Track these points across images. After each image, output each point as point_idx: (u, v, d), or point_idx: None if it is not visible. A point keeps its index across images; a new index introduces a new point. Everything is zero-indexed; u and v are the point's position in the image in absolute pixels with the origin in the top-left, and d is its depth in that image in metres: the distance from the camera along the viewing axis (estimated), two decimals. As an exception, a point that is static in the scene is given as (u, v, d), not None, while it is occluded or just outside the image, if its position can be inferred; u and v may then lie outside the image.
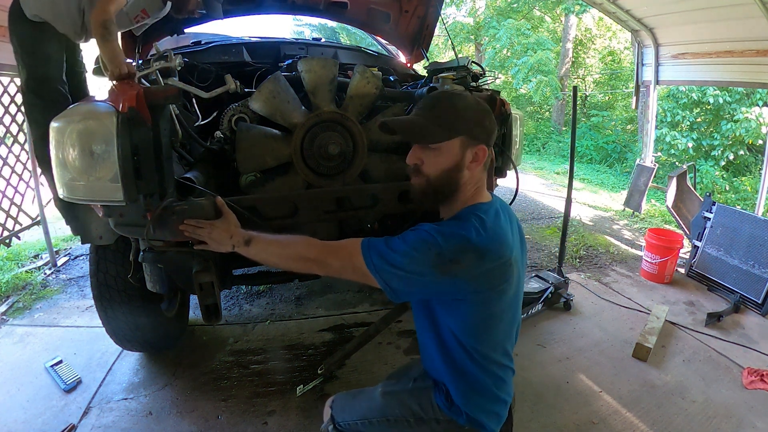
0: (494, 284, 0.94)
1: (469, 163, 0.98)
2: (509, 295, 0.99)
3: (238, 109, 1.75)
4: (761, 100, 6.96)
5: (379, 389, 1.17)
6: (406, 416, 1.09)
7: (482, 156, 0.98)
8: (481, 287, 0.93)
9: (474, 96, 1.02)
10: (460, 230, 0.92)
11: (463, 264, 0.89)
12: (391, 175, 1.82)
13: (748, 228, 3.03)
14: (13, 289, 3.01)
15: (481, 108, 0.99)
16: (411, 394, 1.11)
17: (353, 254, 0.95)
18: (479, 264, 0.90)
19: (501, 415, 1.09)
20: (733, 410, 1.99)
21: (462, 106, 0.98)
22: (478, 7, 13.17)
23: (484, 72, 2.24)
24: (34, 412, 1.89)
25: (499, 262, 0.93)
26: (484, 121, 0.98)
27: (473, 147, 0.97)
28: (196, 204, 1.42)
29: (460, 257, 0.89)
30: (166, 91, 1.45)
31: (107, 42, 1.58)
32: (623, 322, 2.74)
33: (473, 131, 0.97)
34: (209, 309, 1.57)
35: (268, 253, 1.06)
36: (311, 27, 9.29)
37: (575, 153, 3.57)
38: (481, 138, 0.97)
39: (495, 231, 0.94)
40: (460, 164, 0.97)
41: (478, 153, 0.98)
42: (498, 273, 0.94)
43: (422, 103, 1.02)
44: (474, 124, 0.97)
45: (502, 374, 1.05)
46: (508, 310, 1.01)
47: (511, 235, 1.00)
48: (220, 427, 1.85)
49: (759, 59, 3.61)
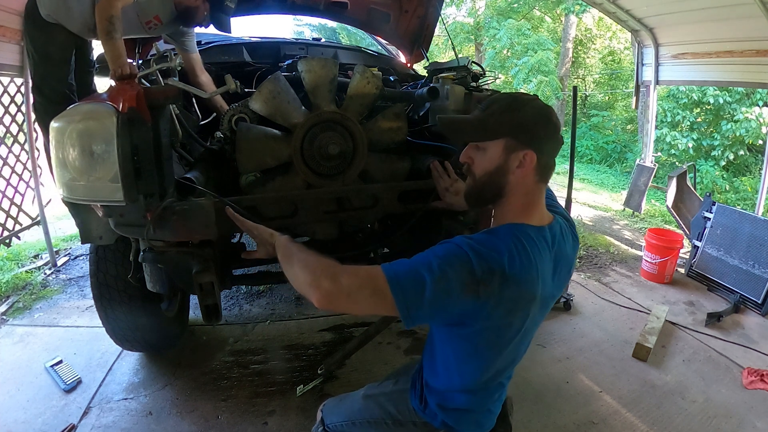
0: (508, 314, 0.88)
1: (514, 168, 0.90)
2: (515, 328, 0.91)
3: (238, 109, 1.75)
4: (761, 100, 6.96)
5: (362, 392, 1.19)
6: (385, 418, 1.11)
7: (529, 162, 0.89)
8: (503, 313, 0.86)
9: (540, 102, 0.93)
10: (493, 251, 0.84)
11: (490, 287, 0.82)
12: (391, 175, 1.82)
13: (748, 228, 3.03)
14: (13, 289, 3.01)
15: (537, 114, 0.91)
16: (389, 397, 1.12)
17: (373, 273, 0.84)
18: (504, 290, 0.83)
19: (482, 423, 1.06)
20: (733, 410, 1.99)
21: (515, 107, 0.91)
22: (478, 7, 13.18)
23: (484, 72, 2.24)
24: (34, 412, 1.89)
25: (522, 294, 0.86)
26: (536, 126, 0.91)
27: (519, 151, 0.89)
28: (197, 204, 1.42)
29: (488, 279, 0.82)
30: (166, 91, 1.45)
31: (111, 41, 1.57)
32: (623, 322, 2.74)
33: (520, 135, 0.90)
34: (209, 309, 1.57)
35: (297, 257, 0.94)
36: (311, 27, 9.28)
37: (575, 153, 3.57)
38: (528, 143, 0.89)
39: (530, 261, 0.86)
40: (503, 168, 0.91)
41: (525, 158, 0.89)
42: (516, 306, 0.87)
43: (483, 103, 0.97)
44: (522, 127, 0.90)
45: (491, 389, 1.02)
46: (510, 343, 0.93)
47: (550, 272, 0.92)
48: (220, 427, 1.85)
49: (759, 59, 3.61)
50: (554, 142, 0.93)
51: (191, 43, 2.14)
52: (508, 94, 0.99)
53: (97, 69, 1.81)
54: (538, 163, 0.90)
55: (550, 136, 0.92)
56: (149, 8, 1.93)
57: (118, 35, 1.59)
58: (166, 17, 1.98)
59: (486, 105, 0.95)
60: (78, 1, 1.84)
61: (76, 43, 2.00)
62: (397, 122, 1.81)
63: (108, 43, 1.58)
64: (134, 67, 1.59)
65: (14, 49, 2.93)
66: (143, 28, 1.98)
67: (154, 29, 2.00)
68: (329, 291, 0.82)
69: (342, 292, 0.83)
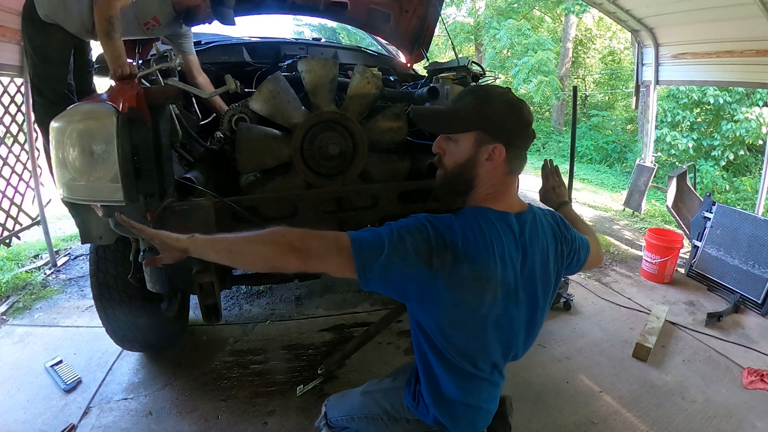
0: (469, 293, 0.89)
1: (484, 161, 0.92)
2: (482, 314, 0.91)
3: (238, 109, 1.75)
4: (761, 100, 6.96)
5: (362, 388, 1.22)
6: (380, 414, 1.13)
7: (498, 155, 0.91)
8: (456, 290, 0.88)
9: (512, 95, 0.94)
10: (449, 228, 0.88)
11: (442, 258, 0.86)
12: (391, 175, 1.82)
13: (748, 228, 3.03)
14: (13, 289, 3.01)
15: (508, 107, 0.92)
16: (385, 394, 1.14)
17: (339, 236, 0.87)
18: (455, 264, 0.86)
19: (475, 422, 1.05)
20: (733, 410, 1.99)
21: (486, 101, 0.92)
22: (478, 7, 13.18)
23: (484, 72, 2.25)
24: (34, 412, 1.89)
25: (476, 273, 0.87)
26: (507, 120, 0.92)
27: (488, 144, 0.91)
28: (196, 204, 1.42)
29: (442, 251, 0.86)
30: (166, 91, 1.45)
31: (111, 41, 1.57)
32: (623, 322, 2.74)
33: (491, 128, 0.91)
34: (209, 309, 1.57)
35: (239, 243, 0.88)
36: (311, 27, 9.29)
37: (575, 153, 3.57)
38: (498, 137, 0.91)
39: (485, 241, 0.88)
40: (473, 160, 0.93)
41: (494, 151, 0.91)
42: (471, 285, 0.88)
43: (457, 95, 0.99)
44: (492, 121, 0.91)
45: (476, 382, 1.01)
46: (481, 331, 0.93)
47: (517, 260, 0.93)
48: (220, 427, 1.85)
49: (759, 59, 3.61)
50: (525, 136, 0.94)
51: (189, 44, 2.14)
52: (480, 86, 0.99)
53: (96, 69, 1.80)
54: (507, 156, 0.92)
55: (520, 130, 0.93)
56: (148, 9, 1.93)
57: (118, 35, 1.59)
58: (165, 18, 1.98)
59: (459, 97, 0.97)
60: (76, 2, 1.84)
61: (75, 44, 2.00)
62: (397, 122, 1.81)
63: (107, 44, 1.58)
64: (134, 67, 1.59)
65: (14, 49, 2.93)
66: (141, 30, 1.98)
67: (153, 30, 2.00)
68: (303, 253, 0.84)
69: (312, 253, 0.85)
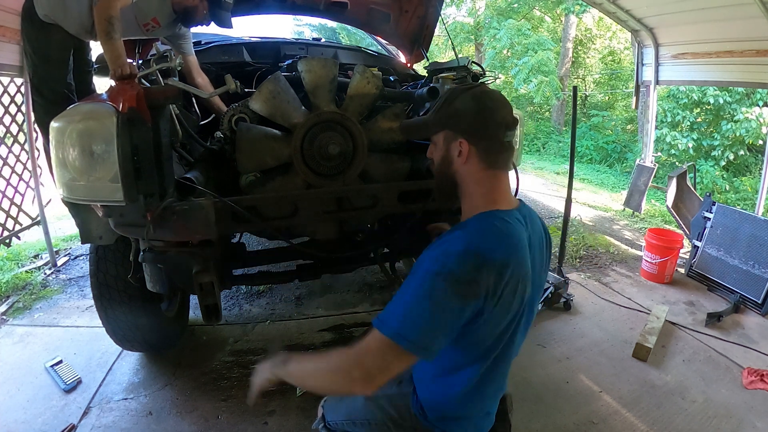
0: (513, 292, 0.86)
1: (455, 157, 0.93)
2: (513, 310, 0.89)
3: (238, 109, 1.75)
4: (761, 100, 6.96)
5: None
6: (385, 421, 1.08)
7: (465, 150, 0.91)
8: (503, 297, 0.84)
9: (479, 89, 0.93)
10: (469, 245, 0.82)
11: (483, 282, 0.81)
12: (391, 175, 1.82)
13: (748, 228, 3.03)
14: (13, 289, 3.01)
15: (471, 101, 0.92)
16: (390, 400, 1.09)
17: (380, 342, 0.81)
18: (499, 280, 0.82)
19: (480, 426, 1.05)
20: (733, 410, 1.99)
21: (451, 98, 0.94)
22: (478, 7, 13.17)
23: (484, 72, 2.24)
24: (34, 412, 1.89)
25: (517, 270, 0.85)
26: (467, 114, 0.91)
27: (455, 141, 0.92)
28: (197, 204, 1.42)
29: (477, 276, 0.80)
30: (166, 91, 1.45)
31: (111, 41, 1.57)
32: (623, 322, 2.74)
33: (454, 124, 0.93)
34: (209, 309, 1.57)
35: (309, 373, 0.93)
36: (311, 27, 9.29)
37: (575, 153, 3.57)
38: (462, 131, 0.91)
39: (509, 239, 0.86)
40: (447, 159, 0.95)
41: (461, 146, 0.91)
42: (517, 282, 0.86)
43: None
44: (455, 117, 0.92)
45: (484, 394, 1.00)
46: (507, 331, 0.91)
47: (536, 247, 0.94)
48: (220, 427, 1.85)
49: (759, 59, 3.61)
50: (491, 126, 0.90)
51: (188, 45, 2.14)
52: (451, 87, 1.02)
53: (96, 69, 1.80)
54: (476, 149, 0.91)
55: (484, 122, 0.91)
56: (147, 10, 1.93)
57: (118, 36, 1.59)
58: (165, 19, 1.98)
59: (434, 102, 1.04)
60: (76, 2, 1.84)
61: (74, 44, 2.00)
62: (397, 122, 1.81)
63: (107, 44, 1.58)
64: (134, 67, 1.59)
65: (14, 49, 2.93)
66: (141, 31, 1.98)
67: (152, 31, 2.00)
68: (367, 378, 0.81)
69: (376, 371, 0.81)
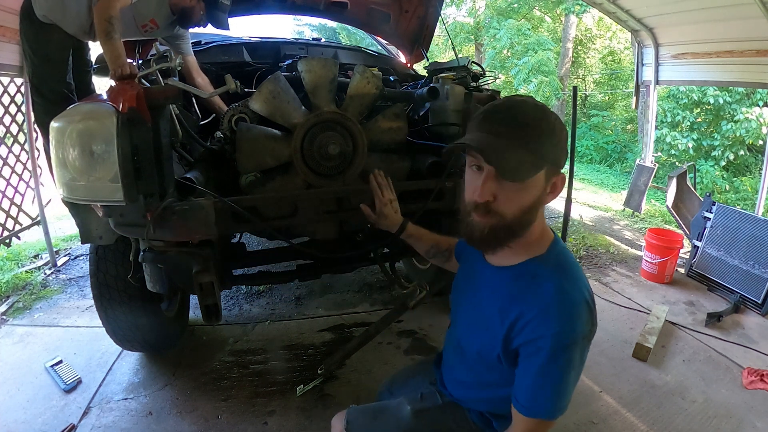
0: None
1: (547, 195, 0.82)
2: None
3: (238, 109, 1.75)
4: (761, 100, 6.97)
5: (408, 408, 1.05)
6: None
7: (560, 186, 0.82)
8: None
9: (555, 115, 0.82)
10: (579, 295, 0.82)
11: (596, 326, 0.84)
12: (391, 175, 1.81)
13: (748, 228, 3.03)
14: (13, 289, 3.01)
15: (565, 130, 0.81)
16: (443, 411, 1.04)
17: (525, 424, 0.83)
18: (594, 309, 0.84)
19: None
20: (733, 410, 1.99)
21: (551, 131, 0.78)
22: (478, 7, 13.17)
23: (484, 72, 2.24)
24: (34, 412, 1.89)
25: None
26: (565, 141, 0.81)
27: (554, 177, 0.81)
28: (197, 204, 1.43)
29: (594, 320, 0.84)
30: (166, 91, 1.45)
31: (111, 41, 1.57)
32: (623, 322, 2.74)
33: (558, 158, 0.79)
34: (209, 309, 1.57)
35: None
36: (311, 27, 9.29)
37: (575, 153, 3.56)
38: (562, 166, 0.81)
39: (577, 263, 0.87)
40: (541, 199, 0.81)
41: (557, 183, 0.81)
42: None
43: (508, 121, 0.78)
44: (560, 151, 0.80)
45: None
46: None
47: None
48: (220, 427, 1.84)
49: (759, 59, 3.61)
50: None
51: (186, 45, 2.14)
52: (534, 111, 0.79)
53: (95, 69, 1.81)
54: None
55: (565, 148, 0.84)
56: (146, 11, 1.93)
57: (117, 36, 1.59)
58: (163, 20, 1.98)
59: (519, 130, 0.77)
60: (75, 3, 1.84)
61: (74, 44, 2.00)
62: (397, 122, 1.81)
63: (107, 44, 1.58)
64: (134, 67, 1.59)
65: (14, 49, 2.93)
66: (139, 32, 1.98)
67: (151, 32, 2.00)
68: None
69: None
